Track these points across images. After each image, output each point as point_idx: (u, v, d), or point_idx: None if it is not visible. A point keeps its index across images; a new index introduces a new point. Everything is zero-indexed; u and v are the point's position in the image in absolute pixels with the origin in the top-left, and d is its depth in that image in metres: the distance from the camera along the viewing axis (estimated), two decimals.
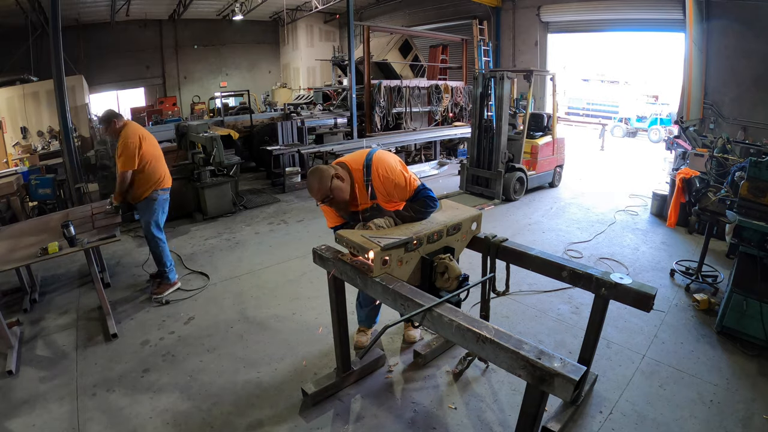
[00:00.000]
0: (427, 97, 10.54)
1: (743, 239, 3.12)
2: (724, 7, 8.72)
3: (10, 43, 11.39)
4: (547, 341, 3.20)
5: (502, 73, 6.39)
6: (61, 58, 5.76)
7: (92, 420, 2.52)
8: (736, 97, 8.88)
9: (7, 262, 3.05)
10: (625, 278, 2.18)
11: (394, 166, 2.41)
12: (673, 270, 4.23)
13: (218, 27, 18.38)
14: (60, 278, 4.46)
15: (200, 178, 6.07)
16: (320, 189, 2.28)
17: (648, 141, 13.87)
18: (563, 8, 12.06)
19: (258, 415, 2.53)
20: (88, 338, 3.36)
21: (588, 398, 2.60)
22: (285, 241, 5.29)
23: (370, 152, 2.46)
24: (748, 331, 3.08)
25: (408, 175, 2.42)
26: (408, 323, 2.89)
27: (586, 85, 19.21)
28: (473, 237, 2.60)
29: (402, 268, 2.18)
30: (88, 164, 6.58)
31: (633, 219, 5.95)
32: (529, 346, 1.56)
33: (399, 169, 2.41)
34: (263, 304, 3.83)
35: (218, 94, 13.43)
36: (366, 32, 9.60)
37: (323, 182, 2.27)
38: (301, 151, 7.70)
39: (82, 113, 9.21)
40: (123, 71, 16.37)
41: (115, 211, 3.89)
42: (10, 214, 5.63)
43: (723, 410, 2.52)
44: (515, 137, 6.94)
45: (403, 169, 2.43)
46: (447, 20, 14.21)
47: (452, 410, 2.55)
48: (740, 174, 3.68)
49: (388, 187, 2.39)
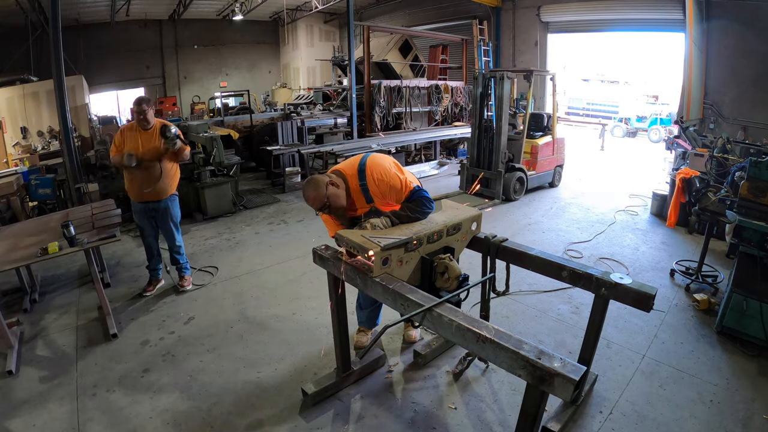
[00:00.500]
0: (427, 97, 10.54)
1: (743, 239, 3.12)
2: (724, 7, 8.72)
3: (10, 43, 11.40)
4: (547, 341, 3.20)
5: (502, 73, 6.39)
6: (61, 58, 5.75)
7: (92, 420, 2.52)
8: (736, 97, 8.88)
9: (7, 262, 3.05)
10: (625, 278, 2.18)
11: (389, 168, 2.40)
12: (673, 270, 4.23)
13: (218, 27, 18.38)
14: (60, 278, 4.46)
15: (200, 178, 6.07)
16: (316, 197, 2.29)
17: (648, 141, 13.87)
18: (563, 8, 12.06)
19: (258, 415, 2.53)
20: (88, 338, 3.36)
21: (588, 398, 2.60)
22: (285, 241, 5.29)
23: (363, 156, 2.46)
24: (748, 331, 3.07)
25: (403, 176, 2.42)
26: (408, 323, 2.89)
27: (586, 85, 19.22)
28: (473, 237, 2.60)
29: (402, 268, 2.18)
30: (88, 164, 6.58)
31: (633, 219, 5.95)
32: (529, 346, 1.56)
33: (394, 171, 2.40)
34: (263, 304, 3.83)
35: (218, 94, 13.43)
36: (366, 32, 9.60)
37: (319, 190, 2.28)
38: (301, 151, 7.70)
39: (82, 113, 9.22)
40: (123, 71, 16.36)
41: (129, 159, 3.53)
42: (10, 214, 5.63)
43: (723, 410, 2.52)
44: (515, 137, 6.94)
45: (398, 171, 2.43)
46: (447, 20, 14.20)
47: (452, 410, 2.55)
48: (740, 174, 3.68)
49: (383, 189, 2.39)
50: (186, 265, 4.14)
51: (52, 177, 6.19)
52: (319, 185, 2.29)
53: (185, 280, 4.10)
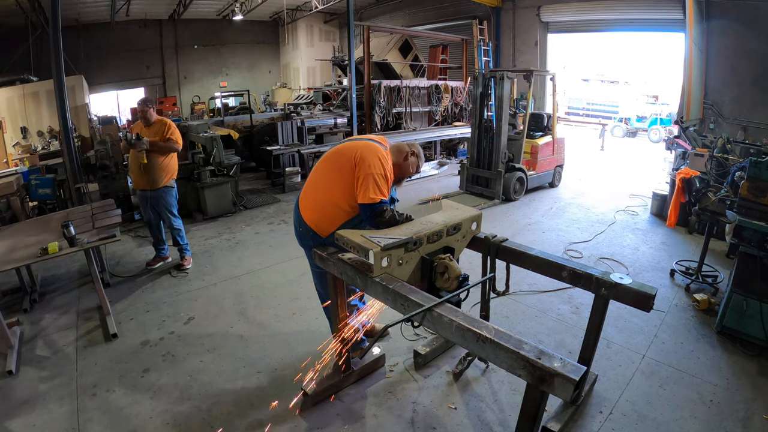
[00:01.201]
0: (427, 97, 10.54)
1: (743, 239, 3.12)
2: (724, 7, 8.71)
3: (10, 43, 11.39)
4: (547, 341, 3.20)
5: (502, 73, 6.40)
6: (61, 58, 5.75)
7: (92, 420, 2.52)
8: (736, 97, 8.88)
9: (7, 262, 3.05)
10: (625, 278, 2.18)
11: (374, 164, 2.37)
12: (673, 270, 4.23)
13: (218, 27, 18.36)
14: (60, 278, 4.47)
15: (200, 178, 6.07)
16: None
17: (648, 141, 13.87)
18: (563, 8, 12.05)
19: (258, 415, 2.53)
20: (88, 338, 3.36)
21: (588, 398, 2.60)
22: (285, 241, 5.29)
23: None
24: (748, 331, 3.08)
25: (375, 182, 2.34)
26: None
27: (586, 85, 19.21)
28: (473, 237, 2.60)
29: (402, 268, 2.18)
30: (88, 164, 6.57)
31: (633, 219, 5.95)
32: (529, 346, 1.56)
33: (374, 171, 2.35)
34: (263, 304, 3.83)
35: (218, 94, 13.40)
36: (366, 32, 9.60)
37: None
38: (301, 151, 7.70)
39: (82, 113, 9.20)
40: (123, 71, 16.35)
41: (137, 139, 4.06)
42: (10, 214, 5.62)
43: (723, 410, 2.52)
44: (515, 137, 6.94)
45: (376, 176, 2.34)
46: (447, 20, 14.20)
47: (452, 410, 2.55)
48: (740, 174, 3.68)
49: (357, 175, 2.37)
50: (186, 246, 4.57)
51: (52, 177, 6.18)
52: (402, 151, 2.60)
53: (186, 260, 4.55)
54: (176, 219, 4.47)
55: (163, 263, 4.63)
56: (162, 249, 4.63)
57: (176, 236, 4.49)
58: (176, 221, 4.47)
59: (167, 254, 4.67)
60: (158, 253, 4.62)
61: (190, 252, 4.63)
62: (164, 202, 4.33)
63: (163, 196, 4.31)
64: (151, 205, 4.33)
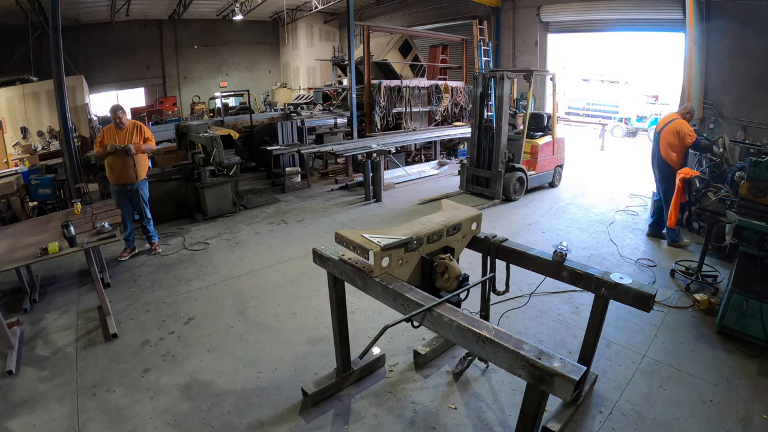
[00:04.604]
0: (427, 97, 10.53)
1: (743, 239, 3.12)
2: (724, 7, 8.71)
3: (10, 43, 11.40)
4: (547, 341, 3.20)
5: (502, 73, 6.39)
6: (61, 58, 5.75)
7: (92, 420, 2.52)
8: (736, 97, 8.87)
9: (7, 262, 3.05)
10: (625, 278, 2.18)
11: None
12: (673, 270, 4.23)
13: (218, 27, 18.36)
14: (60, 278, 4.47)
15: (200, 178, 6.07)
16: None
17: (648, 141, 13.84)
18: (563, 8, 12.05)
19: (258, 415, 2.53)
20: (88, 338, 3.36)
21: (588, 398, 2.60)
22: (285, 241, 5.29)
23: None
24: (748, 331, 3.08)
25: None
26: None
27: (586, 85, 19.17)
28: (473, 237, 2.60)
29: (402, 268, 2.18)
30: (88, 164, 6.58)
31: (633, 219, 5.94)
32: (529, 346, 1.56)
33: None
34: (263, 304, 3.83)
35: (218, 94, 13.40)
36: (366, 32, 9.59)
37: None
38: (301, 151, 7.69)
39: (82, 113, 9.20)
40: (123, 71, 16.35)
41: (112, 147, 4.47)
42: (10, 214, 5.63)
43: (723, 410, 2.52)
44: (515, 137, 6.93)
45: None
46: (447, 20, 14.20)
47: (452, 410, 2.55)
48: (740, 174, 3.68)
49: None
50: (154, 234, 5.04)
51: (52, 177, 6.19)
52: None
53: (155, 245, 5.03)
54: (148, 209, 4.98)
55: (131, 254, 4.95)
56: (130, 240, 4.96)
57: (147, 225, 4.94)
58: (149, 212, 4.98)
59: (134, 245, 5.01)
60: (127, 245, 4.93)
61: (157, 238, 5.10)
62: (143, 193, 4.85)
63: (142, 187, 4.84)
64: (130, 198, 4.81)
